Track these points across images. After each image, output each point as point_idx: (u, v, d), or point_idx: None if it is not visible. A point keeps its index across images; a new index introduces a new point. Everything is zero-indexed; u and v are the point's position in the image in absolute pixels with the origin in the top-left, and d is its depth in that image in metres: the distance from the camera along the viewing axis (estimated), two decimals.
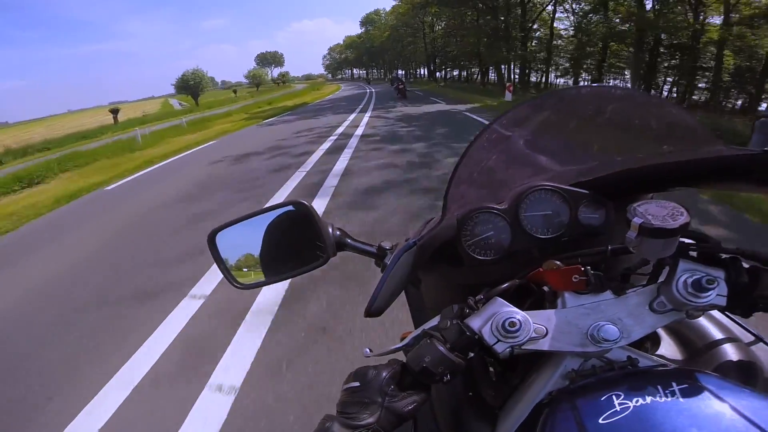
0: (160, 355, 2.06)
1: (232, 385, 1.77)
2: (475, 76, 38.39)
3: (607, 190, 0.52)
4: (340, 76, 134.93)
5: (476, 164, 0.58)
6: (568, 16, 22.77)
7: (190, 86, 47.34)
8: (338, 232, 0.58)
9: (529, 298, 0.48)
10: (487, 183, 0.58)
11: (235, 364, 1.91)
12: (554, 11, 22.95)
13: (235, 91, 61.12)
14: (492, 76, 31.74)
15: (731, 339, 0.52)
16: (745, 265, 0.39)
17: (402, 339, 0.47)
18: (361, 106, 17.09)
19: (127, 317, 2.50)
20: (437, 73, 49.10)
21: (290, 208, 0.58)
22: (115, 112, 29.38)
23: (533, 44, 25.60)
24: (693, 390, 0.33)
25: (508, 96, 14.81)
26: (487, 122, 0.76)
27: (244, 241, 0.60)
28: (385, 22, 67.58)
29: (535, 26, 24.76)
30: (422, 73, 61.55)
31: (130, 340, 2.21)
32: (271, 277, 0.60)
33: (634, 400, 0.33)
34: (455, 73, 45.42)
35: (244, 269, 0.60)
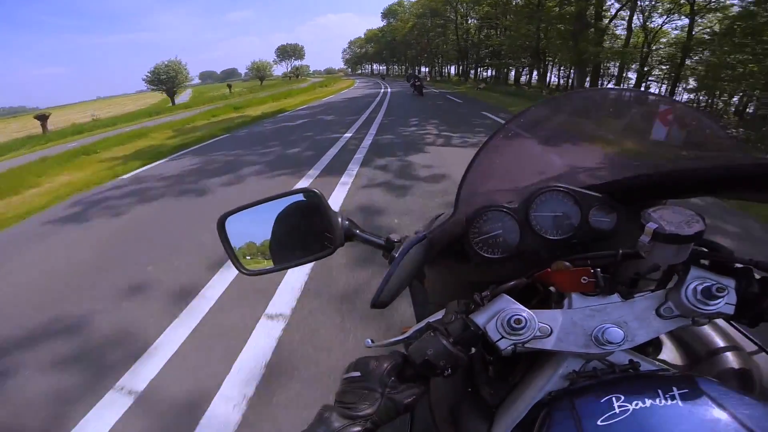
0: None
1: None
2: (525, 76, 29.70)
3: (620, 194, 0.52)
4: (360, 71, 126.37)
5: (490, 163, 0.57)
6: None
7: (163, 81, 39.37)
8: (347, 223, 0.58)
9: (535, 297, 0.48)
10: (499, 182, 0.59)
11: None
12: None
13: (229, 86, 51.30)
14: (553, 77, 23.39)
15: (733, 347, 0.51)
16: (757, 276, 0.39)
17: (403, 333, 0.46)
18: (357, 125, 9.42)
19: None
20: (470, 72, 40.19)
21: (301, 196, 0.58)
22: (42, 118, 20.55)
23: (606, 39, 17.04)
24: (693, 395, 0.33)
25: (660, 131, 6.25)
26: None
27: (253, 227, 0.59)
28: (411, 11, 58.42)
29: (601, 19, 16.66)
30: (450, 71, 52.44)
31: None
32: (279, 264, 0.59)
33: (634, 403, 0.33)
34: (488, 72, 36.56)
35: (252, 255, 0.60)
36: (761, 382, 0.48)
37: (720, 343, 0.52)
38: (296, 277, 2.44)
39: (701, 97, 13.87)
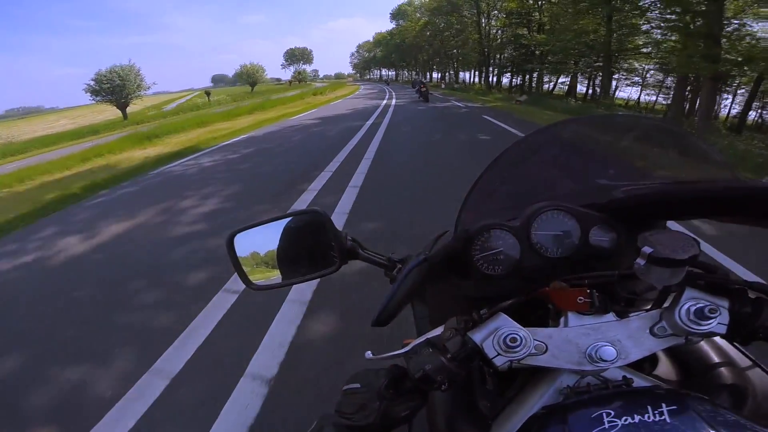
0: None
1: None
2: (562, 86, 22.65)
3: (621, 213, 0.53)
4: (368, 77, 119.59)
5: (493, 183, 0.60)
6: None
7: (107, 90, 29.24)
8: (351, 241, 0.60)
9: (533, 313, 0.50)
10: (501, 201, 0.62)
11: None
12: None
13: (208, 93, 43.34)
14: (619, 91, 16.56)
15: (728, 363, 0.52)
16: (752, 296, 0.40)
17: (404, 346, 0.47)
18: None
19: None
20: (492, 78, 33.02)
21: (307, 216, 0.62)
22: None
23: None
24: (681, 412, 0.34)
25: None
26: None
27: (261, 244, 0.63)
28: (424, 6, 51.03)
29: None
30: (467, 77, 45.06)
31: None
32: (284, 281, 0.62)
33: (623, 418, 0.34)
34: (515, 79, 29.41)
35: (259, 271, 0.63)
36: (755, 398, 0.48)
37: (715, 358, 0.52)
38: None
39: None
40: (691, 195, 0.47)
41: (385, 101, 18.86)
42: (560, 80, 25.24)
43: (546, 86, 25.66)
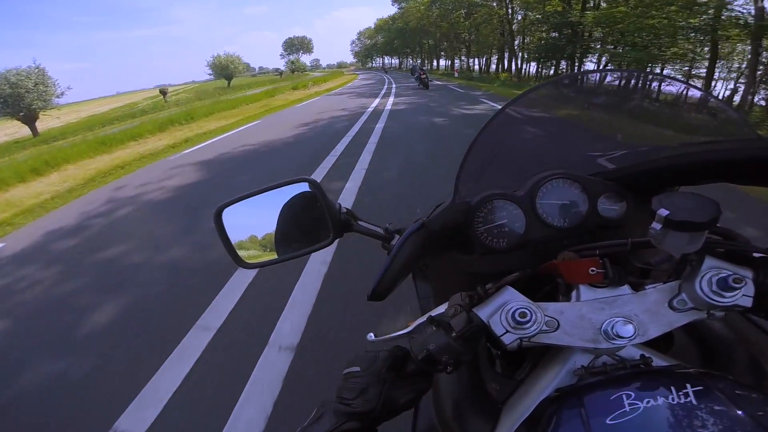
0: None
1: None
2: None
3: (630, 181, 0.52)
4: (370, 65, 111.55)
5: (491, 148, 0.57)
6: None
7: (7, 102, 22.73)
8: (345, 212, 0.59)
9: (541, 289, 0.49)
10: (501, 168, 0.59)
11: None
12: None
13: (164, 93, 36.91)
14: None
15: (747, 340, 0.50)
16: None
17: (408, 326, 0.46)
18: None
19: None
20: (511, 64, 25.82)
21: (298, 186, 0.59)
22: None
23: None
24: (708, 393, 0.32)
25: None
26: None
27: (250, 218, 0.60)
28: None
29: None
30: (481, 64, 37.47)
31: None
32: (277, 257, 0.60)
33: (645, 400, 0.32)
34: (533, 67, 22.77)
35: (249, 247, 0.60)
36: None
37: (733, 336, 0.50)
38: None
39: None
40: (714, 158, 0.44)
41: (377, 101, 14.12)
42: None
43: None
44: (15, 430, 1.62)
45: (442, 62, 53.70)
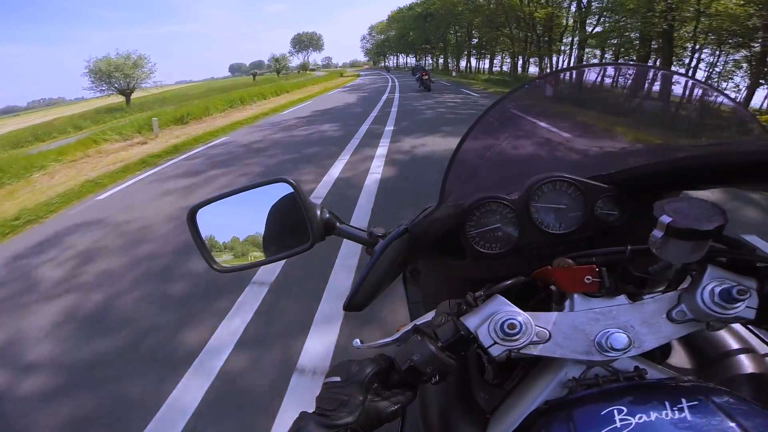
0: None
1: None
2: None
3: (630, 185, 0.50)
4: (382, 64, 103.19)
5: (481, 148, 0.54)
6: None
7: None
8: (327, 215, 0.57)
9: (534, 297, 0.47)
10: (493, 170, 0.56)
11: None
12: None
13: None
14: None
15: (746, 350, 0.48)
16: None
17: (397, 332, 0.45)
18: None
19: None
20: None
21: (277, 186, 0.56)
22: None
23: None
24: (704, 408, 0.31)
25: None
26: None
27: (226, 220, 0.58)
28: None
29: None
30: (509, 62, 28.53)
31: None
32: (252, 261, 0.59)
33: (638, 416, 0.31)
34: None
35: (224, 250, 0.58)
36: None
37: (732, 345, 0.49)
38: None
39: None
40: (722, 162, 0.42)
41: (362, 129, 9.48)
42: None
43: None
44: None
45: (473, 62, 42.01)
